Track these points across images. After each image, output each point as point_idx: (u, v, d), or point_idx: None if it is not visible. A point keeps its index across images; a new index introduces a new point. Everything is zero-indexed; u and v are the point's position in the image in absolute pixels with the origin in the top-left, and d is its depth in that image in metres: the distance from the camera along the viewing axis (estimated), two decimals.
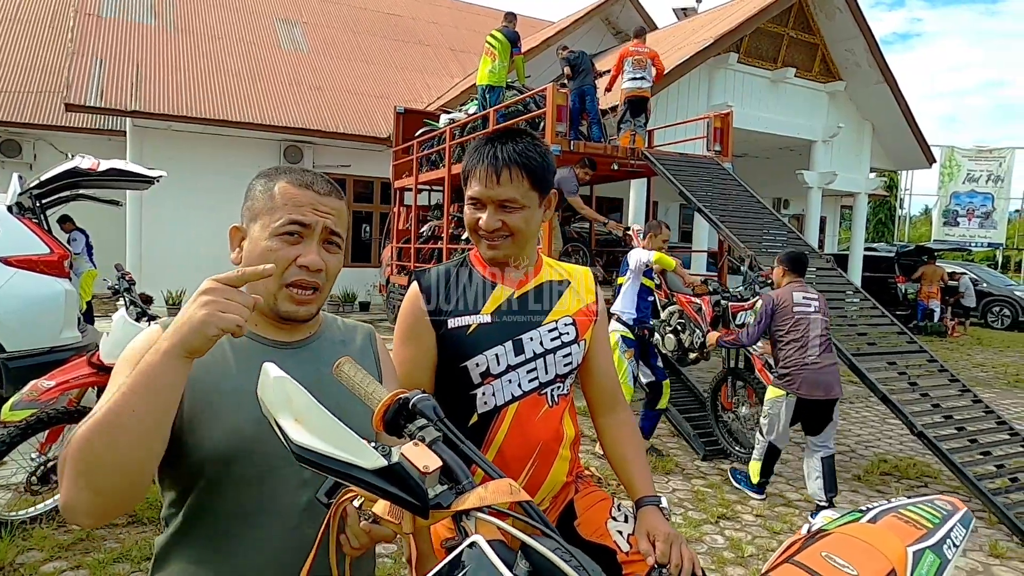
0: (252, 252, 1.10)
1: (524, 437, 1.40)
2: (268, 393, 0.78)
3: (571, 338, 1.45)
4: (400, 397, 0.86)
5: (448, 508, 0.76)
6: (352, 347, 1.23)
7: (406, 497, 0.75)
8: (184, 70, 13.03)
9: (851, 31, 12.50)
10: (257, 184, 1.15)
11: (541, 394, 1.42)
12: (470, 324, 1.39)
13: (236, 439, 1.01)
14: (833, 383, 4.16)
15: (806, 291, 4.35)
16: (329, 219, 1.11)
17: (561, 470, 1.45)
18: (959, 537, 1.40)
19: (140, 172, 5.22)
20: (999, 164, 18.96)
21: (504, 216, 1.37)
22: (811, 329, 4.19)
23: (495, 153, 1.37)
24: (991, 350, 11.79)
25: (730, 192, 7.09)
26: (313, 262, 1.08)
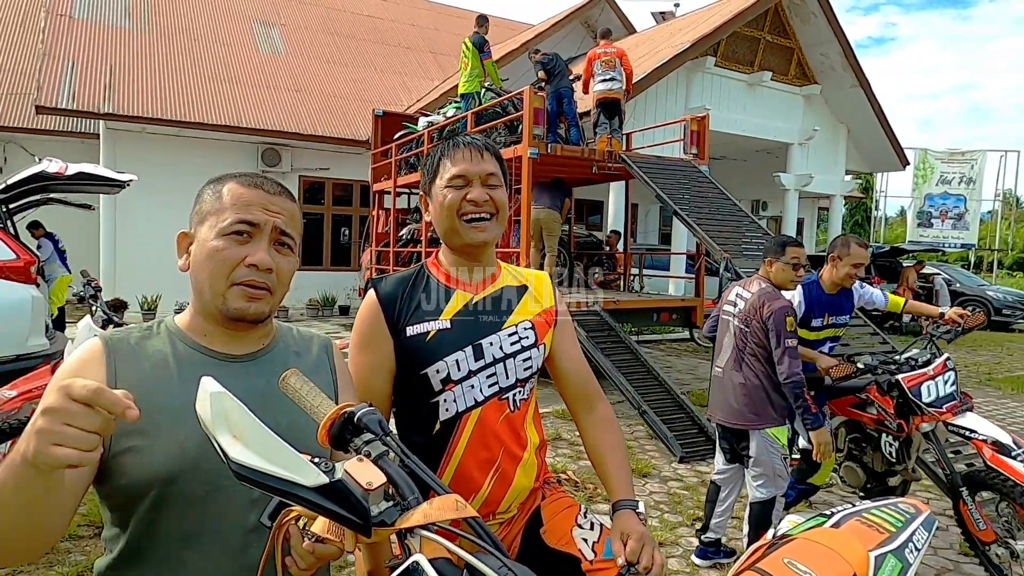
0: (199, 254, 1.06)
1: (486, 443, 1.39)
2: (206, 408, 0.76)
3: (531, 342, 1.45)
4: (345, 411, 0.84)
5: (392, 525, 0.74)
6: (307, 358, 1.20)
7: (347, 515, 0.73)
8: (159, 72, 12.87)
9: (826, 35, 12.68)
10: (206, 189, 1.11)
11: (502, 399, 1.41)
12: (429, 331, 1.38)
13: (179, 458, 0.98)
14: (732, 409, 3.21)
15: (747, 287, 3.38)
16: (279, 218, 1.08)
17: (526, 476, 1.44)
18: (921, 540, 1.41)
19: (110, 176, 5.15)
20: (971, 166, 19.33)
21: (490, 191, 1.39)
22: (726, 334, 3.36)
23: (468, 138, 1.42)
24: (964, 349, 11.99)
25: (707, 195, 7.15)
26: (262, 260, 1.04)
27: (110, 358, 1.02)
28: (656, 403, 5.69)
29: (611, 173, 8.27)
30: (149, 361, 1.04)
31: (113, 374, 1.00)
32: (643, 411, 5.51)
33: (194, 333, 1.10)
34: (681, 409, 5.72)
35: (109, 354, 1.02)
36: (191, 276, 1.08)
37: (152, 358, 1.05)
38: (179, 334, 1.09)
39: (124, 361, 1.02)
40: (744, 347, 3.24)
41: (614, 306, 7.13)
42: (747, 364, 3.23)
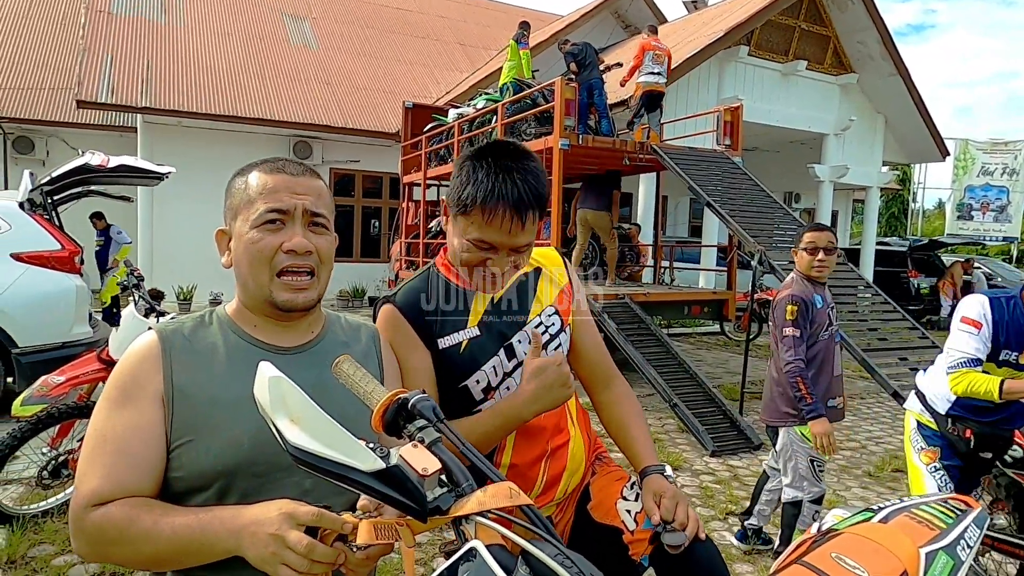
0: (238, 249, 1.07)
1: (532, 439, 1.37)
2: (264, 393, 0.77)
3: (557, 328, 1.42)
4: (399, 397, 0.85)
5: (447, 512, 0.75)
6: (356, 348, 1.20)
7: (404, 500, 0.74)
8: (194, 66, 13.09)
9: (863, 23, 12.35)
10: (234, 181, 1.13)
11: None
12: (461, 341, 1.34)
13: (236, 451, 1.00)
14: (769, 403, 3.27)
15: None
16: (307, 199, 1.07)
17: (577, 452, 1.43)
18: (973, 537, 1.37)
19: (149, 168, 5.25)
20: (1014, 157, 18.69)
21: (516, 257, 1.30)
22: None
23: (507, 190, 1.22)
24: None
25: (740, 186, 7.04)
26: (299, 244, 1.05)
27: (165, 355, 1.04)
28: (687, 396, 5.64)
29: (642, 165, 8.19)
30: (203, 353, 1.06)
31: (169, 371, 1.02)
32: (674, 404, 5.46)
33: (243, 323, 1.11)
34: (712, 403, 5.67)
35: (164, 350, 1.04)
36: (235, 271, 1.10)
37: (206, 350, 1.07)
38: (231, 324, 1.11)
39: (178, 355, 1.04)
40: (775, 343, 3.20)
41: (644, 298, 7.08)
42: (775, 359, 3.19)
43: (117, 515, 0.92)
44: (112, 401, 1.00)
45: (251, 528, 0.85)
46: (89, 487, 0.94)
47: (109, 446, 0.97)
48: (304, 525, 0.82)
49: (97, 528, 0.92)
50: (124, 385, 1.01)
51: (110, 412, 0.99)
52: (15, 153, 13.31)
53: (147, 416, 0.99)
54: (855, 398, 7.23)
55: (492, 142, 1.32)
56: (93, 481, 0.94)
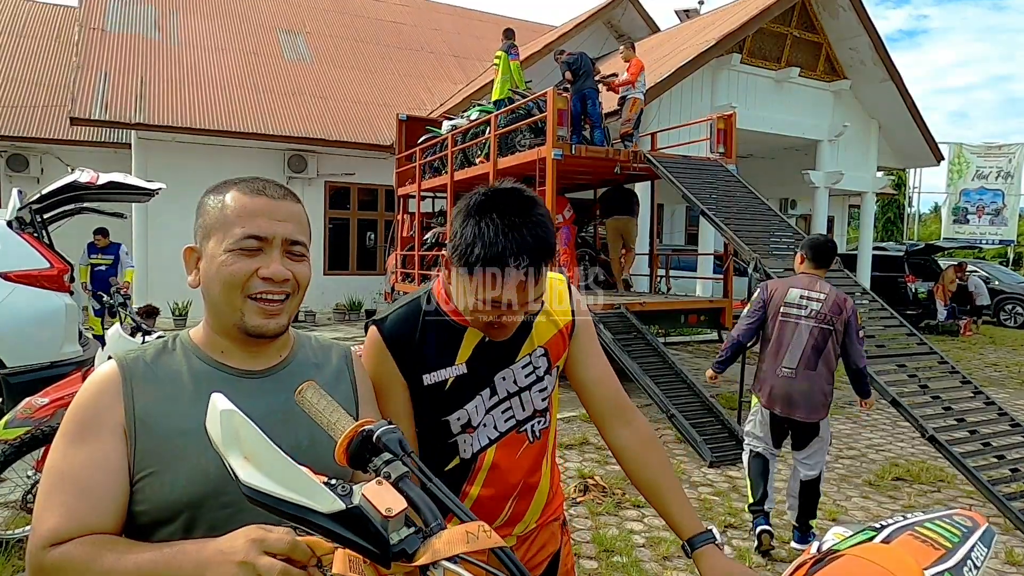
0: (209, 270, 1.03)
1: (504, 477, 1.33)
2: (216, 427, 0.73)
3: (544, 369, 1.35)
4: (364, 429, 0.80)
5: (413, 556, 0.70)
6: (327, 369, 1.16)
7: (365, 544, 0.69)
8: (188, 82, 13.09)
9: (855, 29, 12.40)
10: (208, 199, 1.07)
11: (520, 432, 1.34)
12: (447, 379, 1.28)
13: (203, 482, 0.95)
14: (815, 404, 3.54)
15: (811, 288, 3.60)
16: (287, 227, 1.03)
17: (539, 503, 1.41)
18: (980, 557, 1.31)
19: (139, 185, 5.21)
20: (1008, 160, 18.75)
21: (529, 307, 1.22)
22: (795, 336, 3.55)
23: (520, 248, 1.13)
24: (1004, 349, 11.63)
25: (734, 194, 7.02)
26: (277, 272, 1.01)
27: (126, 383, 0.99)
28: (685, 406, 5.59)
29: (636, 174, 8.18)
30: (165, 381, 1.02)
31: (130, 401, 0.98)
32: (671, 415, 5.42)
33: (210, 349, 1.07)
34: (710, 412, 5.62)
35: (124, 379, 0.99)
36: (204, 293, 1.05)
37: (169, 377, 1.02)
38: (195, 350, 1.07)
39: (140, 383, 1.00)
40: (824, 345, 3.55)
41: (640, 308, 7.04)
42: (825, 361, 3.56)
43: (76, 554, 0.87)
44: (70, 436, 0.95)
45: (217, 559, 0.80)
46: (47, 526, 0.89)
47: (68, 483, 0.92)
48: (274, 552, 0.77)
49: (55, 568, 0.87)
50: (82, 419, 0.96)
51: (67, 448, 0.94)
52: (9, 171, 13.27)
53: (107, 449, 0.94)
54: (854, 404, 7.17)
55: (495, 192, 1.20)
56: (51, 520, 0.89)
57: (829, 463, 5.17)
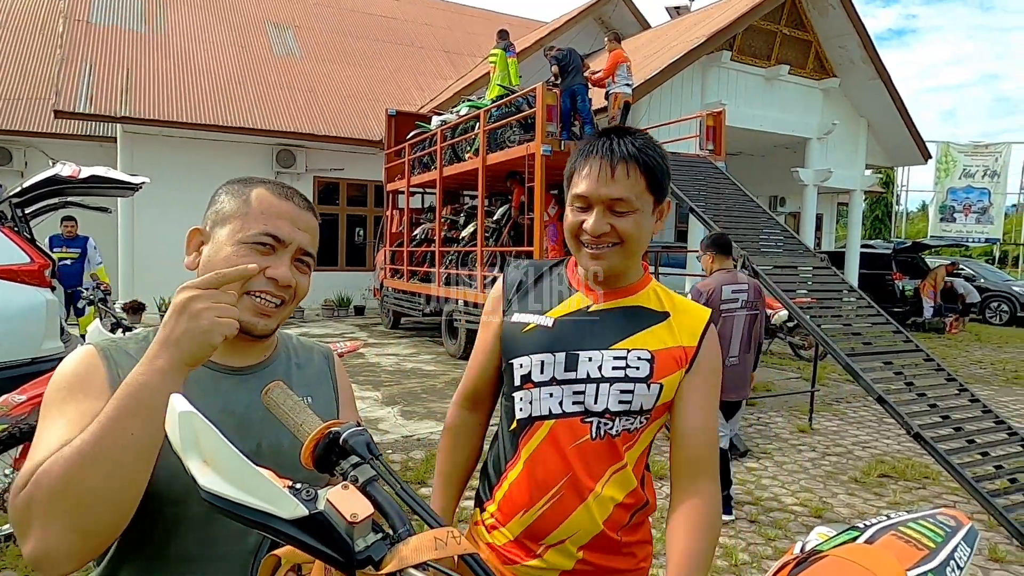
0: (214, 257, 1.01)
1: (550, 462, 1.23)
2: (174, 430, 0.70)
3: (640, 375, 1.22)
4: (330, 431, 0.77)
5: (379, 563, 0.67)
6: (309, 369, 1.14)
7: (328, 552, 0.66)
8: (175, 76, 12.96)
9: (844, 28, 12.43)
10: (227, 189, 1.06)
11: (585, 422, 1.23)
12: (529, 323, 1.28)
13: (182, 478, 0.90)
14: (747, 384, 4.15)
15: (735, 282, 4.06)
16: (304, 237, 1.04)
17: (593, 517, 1.23)
18: (963, 558, 1.31)
19: (123, 179, 5.13)
20: (995, 159, 18.90)
21: (613, 220, 1.19)
22: (735, 327, 4.00)
23: (610, 146, 1.19)
24: (989, 346, 11.73)
25: (723, 191, 7.02)
26: (284, 276, 1.00)
27: (109, 361, 0.96)
28: None
29: None
30: None
31: (116, 376, 0.93)
32: None
33: None
34: None
35: (107, 359, 0.96)
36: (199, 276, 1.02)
37: None
38: None
39: (124, 367, 0.96)
40: (752, 328, 4.06)
41: None
42: (754, 342, 4.10)
43: (46, 463, 0.79)
44: (57, 402, 0.90)
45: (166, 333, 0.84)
46: (32, 463, 0.81)
47: (57, 430, 0.85)
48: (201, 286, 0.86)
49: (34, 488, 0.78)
50: (67, 384, 0.91)
51: (56, 409, 0.89)
52: None
53: (101, 405, 0.87)
54: (841, 402, 7.22)
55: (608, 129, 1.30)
56: (36, 457, 0.82)
57: (816, 460, 5.19)
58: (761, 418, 6.34)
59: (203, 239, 1.05)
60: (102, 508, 0.79)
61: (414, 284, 9.74)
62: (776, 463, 5.07)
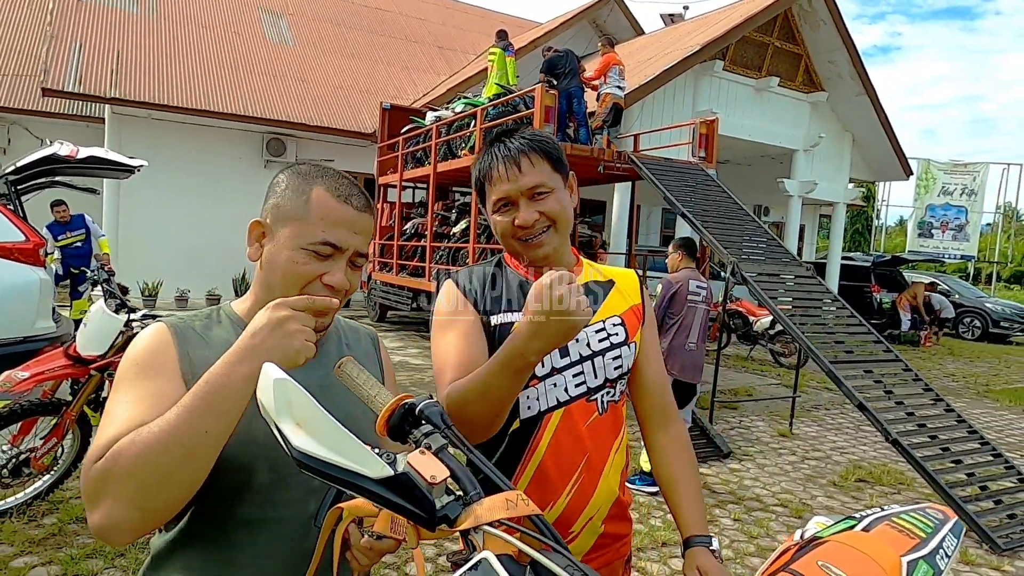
0: (274, 259, 1.05)
1: (569, 448, 1.29)
2: (268, 396, 0.76)
3: (620, 339, 1.34)
4: (406, 402, 0.84)
5: (455, 521, 0.74)
6: (357, 350, 1.19)
7: (413, 509, 0.73)
8: (166, 58, 12.82)
9: (834, 43, 12.67)
10: (287, 181, 1.09)
11: (590, 400, 1.31)
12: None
13: (251, 447, 0.98)
14: (701, 369, 4.76)
15: (699, 279, 4.79)
16: (360, 241, 1.08)
17: (610, 487, 1.33)
18: (951, 547, 1.40)
19: (121, 161, 5.12)
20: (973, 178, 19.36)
21: (538, 205, 1.27)
22: (696, 318, 4.65)
23: (506, 146, 1.29)
24: (962, 360, 12.04)
25: (714, 198, 7.15)
26: (340, 283, 1.04)
27: (179, 341, 1.01)
28: None
29: (618, 174, 8.27)
30: (217, 348, 1.03)
31: (187, 358, 0.99)
32: None
33: None
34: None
35: (176, 337, 1.01)
36: (262, 274, 1.08)
37: (220, 345, 1.03)
38: (240, 323, 1.08)
39: (193, 346, 1.02)
40: (706, 322, 4.75)
41: None
42: (708, 334, 4.90)
43: (123, 441, 0.85)
44: (129, 378, 0.95)
45: (253, 341, 0.88)
46: (104, 438, 0.87)
47: (130, 406, 0.91)
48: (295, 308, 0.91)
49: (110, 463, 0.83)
50: (140, 361, 0.97)
51: (129, 386, 0.94)
52: None
53: (170, 387, 0.94)
54: (820, 408, 7.39)
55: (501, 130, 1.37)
56: (108, 433, 0.88)
57: (796, 463, 5.33)
58: (743, 421, 6.49)
59: (264, 231, 1.07)
60: (167, 491, 0.85)
61: (403, 278, 9.76)
62: (758, 465, 5.20)
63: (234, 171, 12.68)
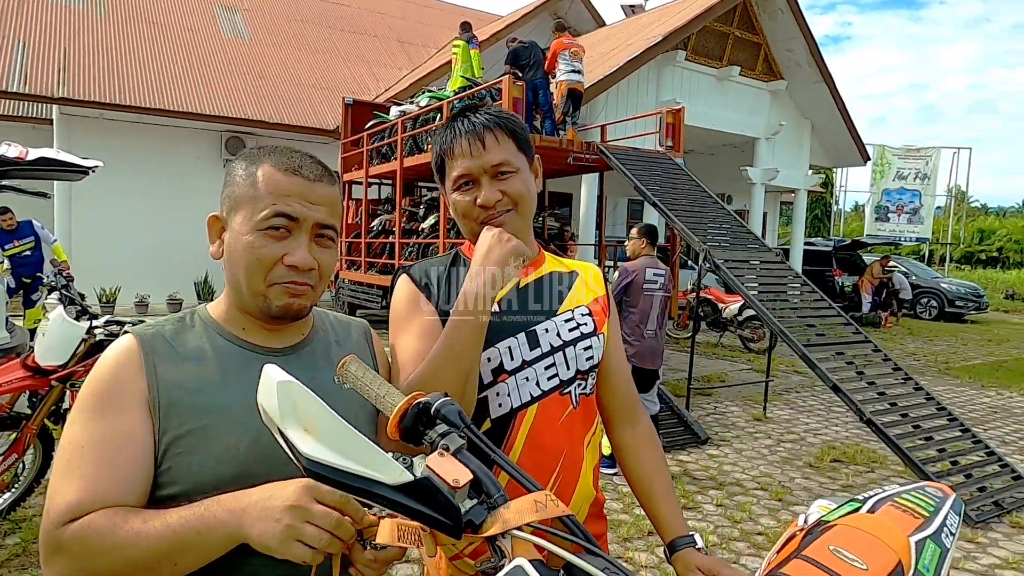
0: (233, 248, 0.98)
1: (545, 446, 1.22)
2: (271, 400, 0.70)
3: (590, 329, 1.29)
4: (419, 401, 0.78)
5: (480, 527, 0.69)
6: (348, 347, 1.13)
7: (437, 516, 0.67)
8: (117, 56, 12.38)
9: (792, 31, 12.87)
10: (237, 167, 1.02)
11: (563, 394, 1.25)
12: None
13: (233, 463, 0.91)
14: (661, 355, 4.87)
15: (656, 267, 4.86)
16: (319, 212, 0.98)
17: (588, 487, 1.29)
18: (954, 524, 1.40)
19: (74, 162, 4.90)
20: (926, 162, 19.90)
21: (502, 185, 1.21)
22: (654, 305, 4.75)
23: (470, 121, 1.22)
24: (921, 339, 12.39)
25: (682, 187, 7.19)
26: (303, 260, 0.96)
27: (148, 357, 0.94)
28: None
29: (586, 165, 8.25)
30: (189, 358, 0.96)
31: (153, 374, 0.92)
32: None
33: (231, 326, 1.02)
34: (660, 400, 5.75)
35: (146, 353, 0.94)
36: (226, 267, 1.01)
37: (192, 354, 0.97)
38: (215, 327, 1.02)
39: (163, 359, 0.94)
40: (665, 308, 4.85)
41: None
42: (666, 321, 4.93)
43: (100, 522, 0.81)
44: (90, 410, 0.89)
45: (260, 504, 0.77)
46: (65, 500, 0.83)
47: (88, 455, 0.86)
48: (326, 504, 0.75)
49: (78, 539, 0.81)
50: (102, 391, 0.90)
51: (88, 421, 0.88)
52: None
53: (132, 423, 0.88)
54: (791, 392, 7.52)
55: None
56: (70, 494, 0.83)
57: (772, 447, 5.40)
58: (718, 407, 6.55)
59: (222, 225, 1.01)
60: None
61: (372, 276, 9.61)
62: (735, 450, 5.26)
63: (192, 171, 12.33)
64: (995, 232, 29.81)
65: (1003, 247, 28.86)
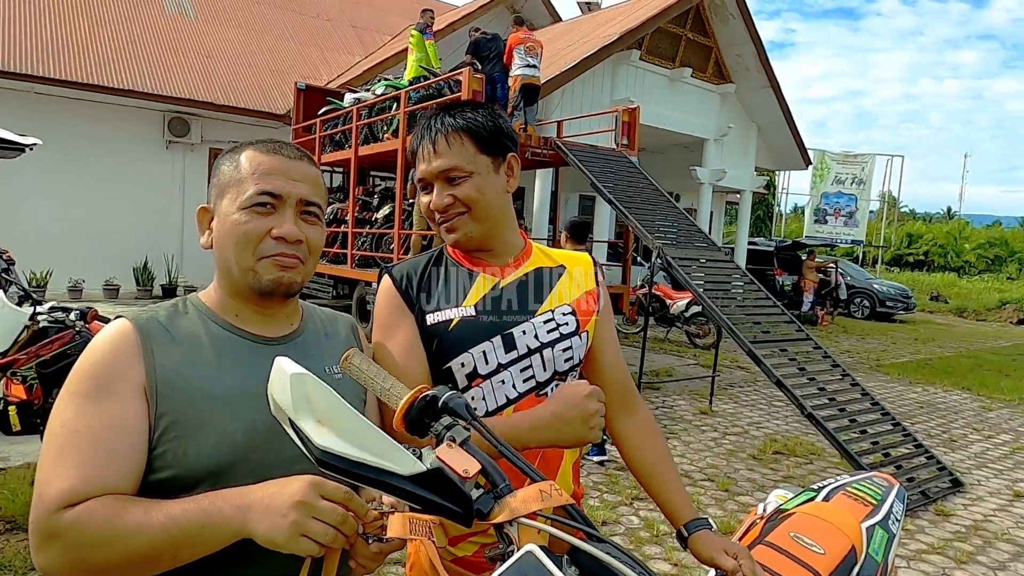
0: (221, 230, 1.00)
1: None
2: (284, 392, 0.70)
3: (571, 329, 1.28)
4: (426, 393, 0.80)
5: (488, 515, 0.72)
6: (336, 340, 1.14)
7: (449, 505, 0.70)
8: (51, 27, 11.75)
9: (742, 36, 13.24)
10: (223, 160, 1.05)
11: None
12: (452, 319, 1.22)
13: (230, 449, 0.91)
14: None
15: None
16: (302, 188, 1.02)
17: (567, 486, 1.30)
18: (899, 512, 1.51)
19: (9, 138, 4.64)
20: (862, 168, 20.82)
21: (452, 190, 1.21)
22: None
23: (429, 125, 1.24)
24: (854, 337, 12.99)
25: (637, 184, 7.33)
26: (290, 232, 0.98)
27: (145, 343, 0.93)
28: None
29: (541, 160, 8.31)
30: (184, 344, 0.96)
31: (151, 359, 0.92)
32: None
33: (224, 312, 1.03)
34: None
35: (143, 338, 0.93)
36: (216, 254, 1.02)
37: (188, 341, 0.97)
38: (209, 313, 1.02)
39: (160, 344, 0.94)
40: None
41: None
42: None
43: (98, 510, 0.80)
44: (83, 394, 0.87)
45: (266, 501, 0.78)
46: (60, 487, 0.81)
47: (84, 441, 0.84)
48: (332, 500, 0.76)
49: (76, 527, 0.79)
50: (96, 375, 0.89)
51: (81, 405, 0.87)
52: None
53: (127, 408, 0.87)
54: (735, 387, 7.78)
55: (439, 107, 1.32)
56: (64, 480, 0.81)
57: (718, 439, 5.59)
58: (666, 401, 6.73)
59: (211, 216, 1.04)
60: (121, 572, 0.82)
61: (324, 265, 9.45)
62: (683, 442, 5.42)
63: (133, 152, 11.83)
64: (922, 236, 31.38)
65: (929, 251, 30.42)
